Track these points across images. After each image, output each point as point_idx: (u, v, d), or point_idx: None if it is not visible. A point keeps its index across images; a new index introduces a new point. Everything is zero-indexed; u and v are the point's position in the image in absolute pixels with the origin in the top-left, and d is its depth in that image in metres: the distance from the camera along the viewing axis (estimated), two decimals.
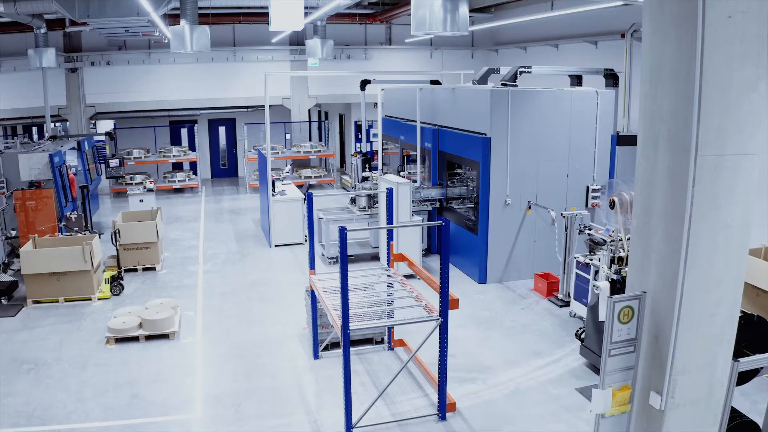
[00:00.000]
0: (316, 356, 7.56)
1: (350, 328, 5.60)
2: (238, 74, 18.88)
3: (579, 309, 8.57)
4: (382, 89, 11.21)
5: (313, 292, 7.35)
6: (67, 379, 7.18)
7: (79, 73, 17.15)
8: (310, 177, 18.99)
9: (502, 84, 10.86)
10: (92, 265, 9.52)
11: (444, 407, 6.11)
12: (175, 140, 20.70)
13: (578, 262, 8.44)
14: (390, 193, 7.41)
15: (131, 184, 17.11)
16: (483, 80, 12.13)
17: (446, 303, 5.79)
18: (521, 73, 10.94)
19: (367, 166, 12.89)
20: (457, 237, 10.81)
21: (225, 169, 22.02)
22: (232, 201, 17.82)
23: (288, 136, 20.90)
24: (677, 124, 3.83)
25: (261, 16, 17.30)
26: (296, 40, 19.23)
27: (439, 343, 5.97)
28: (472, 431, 5.98)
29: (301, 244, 12.80)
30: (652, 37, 3.96)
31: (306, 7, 14.13)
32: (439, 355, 6.02)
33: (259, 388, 6.92)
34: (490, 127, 9.71)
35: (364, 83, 13.00)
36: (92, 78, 17.33)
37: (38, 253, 9.37)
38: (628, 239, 6.98)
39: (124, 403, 6.62)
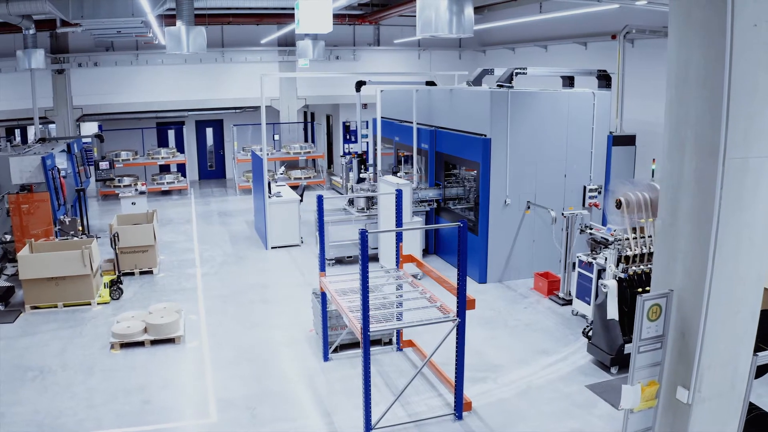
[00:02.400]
0: (326, 358, 7.57)
1: (370, 330, 5.63)
2: (226, 75, 18.75)
3: (581, 307, 8.73)
4: (381, 90, 11.23)
5: (323, 294, 7.36)
6: (74, 386, 7.08)
7: (66, 74, 16.85)
8: (300, 178, 18.92)
9: (498, 85, 10.98)
10: (92, 269, 9.39)
11: (461, 407, 6.18)
12: (162, 142, 20.46)
13: (581, 261, 8.59)
14: (400, 194, 7.45)
15: (119, 186, 16.89)
16: (477, 81, 12.24)
17: (464, 303, 5.86)
18: (517, 74, 11.09)
19: (362, 166, 12.91)
20: (456, 237, 10.88)
21: (212, 171, 21.84)
22: (222, 203, 17.68)
23: (276, 137, 20.83)
24: (704, 127, 3.95)
25: (250, 17, 17.23)
26: (285, 41, 19.18)
27: (457, 343, 6.04)
28: (489, 429, 6.06)
29: (298, 245, 12.78)
30: (679, 44, 4.07)
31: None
32: (457, 356, 6.09)
33: (271, 391, 6.91)
34: (490, 128, 9.82)
35: (360, 84, 13.01)
36: (79, 79, 17.04)
37: (37, 257, 9.22)
38: (634, 238, 7.13)
39: (136, 410, 6.55)
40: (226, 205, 17.30)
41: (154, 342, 8.12)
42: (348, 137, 21.98)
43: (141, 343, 8.08)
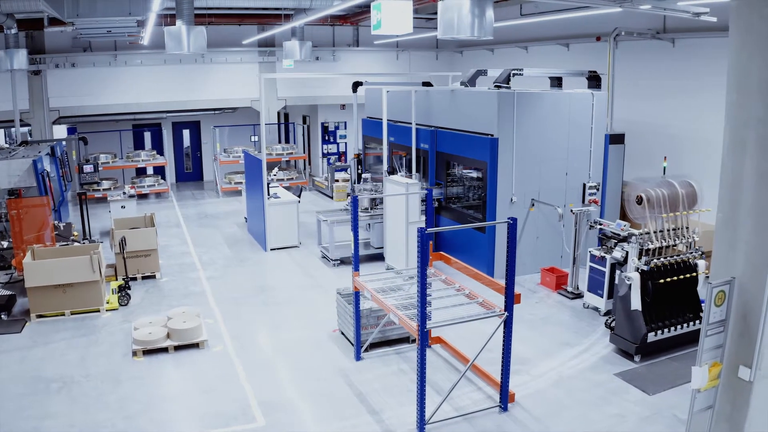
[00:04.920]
0: (358, 357, 7.63)
1: (427, 326, 5.76)
2: (206, 76, 18.46)
3: (593, 300, 9.09)
4: (387, 91, 11.33)
5: (357, 293, 7.42)
6: (104, 396, 6.92)
7: (43, 75, 16.19)
8: (283, 179, 18.79)
9: (495, 86, 11.27)
10: (100, 275, 9.15)
11: (506, 398, 6.38)
12: (138, 144, 19.95)
13: (593, 256, 8.95)
14: (430, 193, 7.59)
15: (98, 190, 16.38)
16: (472, 82, 12.52)
17: (512, 298, 6.07)
18: (514, 75, 11.43)
19: (360, 167, 12.98)
20: (462, 235, 11.12)
21: (189, 173, 21.41)
22: (206, 205, 17.40)
23: (254, 138, 20.63)
24: (765, 128, 4.26)
25: (232, 17, 17.00)
26: (264, 42, 19.03)
27: (504, 337, 6.24)
28: (535, 419, 6.28)
29: (296, 247, 12.75)
30: (740, 53, 4.38)
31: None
32: (504, 350, 6.29)
33: (311, 392, 6.93)
34: (498, 128, 10.08)
35: (357, 85, 13.06)
36: (56, 81, 16.40)
37: (43, 264, 8.91)
38: (655, 233, 7.50)
39: (177, 417, 6.47)
40: (211, 208, 17.04)
41: (177, 348, 8.00)
42: (327, 138, 21.99)
43: (164, 350, 7.95)
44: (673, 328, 7.60)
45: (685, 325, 7.71)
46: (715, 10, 8.99)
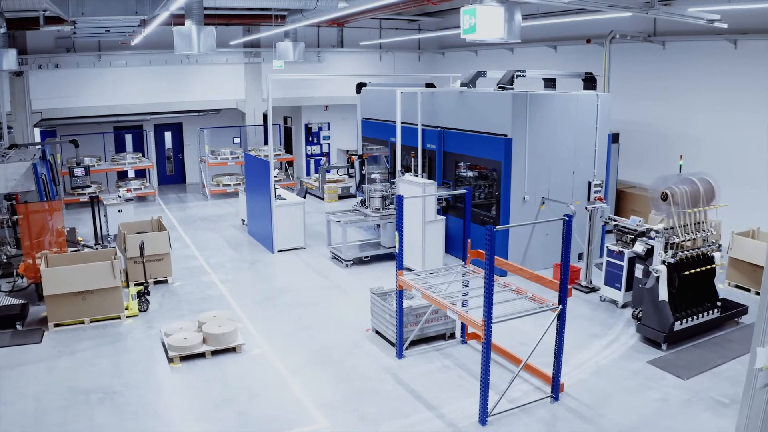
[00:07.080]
0: (400, 355, 7.74)
1: (493, 321, 5.94)
2: (191, 77, 18.14)
3: (610, 293, 9.48)
4: (402, 92, 11.44)
5: (400, 292, 7.53)
6: (151, 404, 6.80)
7: (25, 76, 15.55)
8: None
9: (499, 87, 11.57)
10: (120, 281, 8.95)
11: (557, 388, 6.63)
12: (120, 147, 19.40)
13: (611, 251, 9.33)
14: (469, 192, 7.77)
15: (83, 194, 15.88)
16: (473, 83, 12.80)
17: (566, 291, 6.32)
18: (517, 76, 11.77)
19: (363, 168, 13.06)
20: (473, 233, 11.34)
21: (171, 176, 20.96)
22: (195, 208, 17.10)
23: (236, 140, 20.41)
24: None
25: (221, 18, 16.73)
26: (250, 43, 18.84)
27: (557, 330, 6.49)
28: (587, 407, 6.55)
29: (303, 248, 12.72)
30: None
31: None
32: (557, 342, 6.54)
33: (364, 391, 7.00)
34: (512, 129, 10.35)
35: (360, 86, 13.12)
36: (39, 82, 15.77)
37: (62, 271, 8.64)
38: (680, 227, 7.90)
39: (235, 423, 6.41)
40: (201, 211, 16.76)
41: (214, 352, 7.91)
42: (310, 139, 21.93)
43: (201, 355, 7.86)
44: (696, 317, 8.04)
45: (705, 313, 8.16)
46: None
